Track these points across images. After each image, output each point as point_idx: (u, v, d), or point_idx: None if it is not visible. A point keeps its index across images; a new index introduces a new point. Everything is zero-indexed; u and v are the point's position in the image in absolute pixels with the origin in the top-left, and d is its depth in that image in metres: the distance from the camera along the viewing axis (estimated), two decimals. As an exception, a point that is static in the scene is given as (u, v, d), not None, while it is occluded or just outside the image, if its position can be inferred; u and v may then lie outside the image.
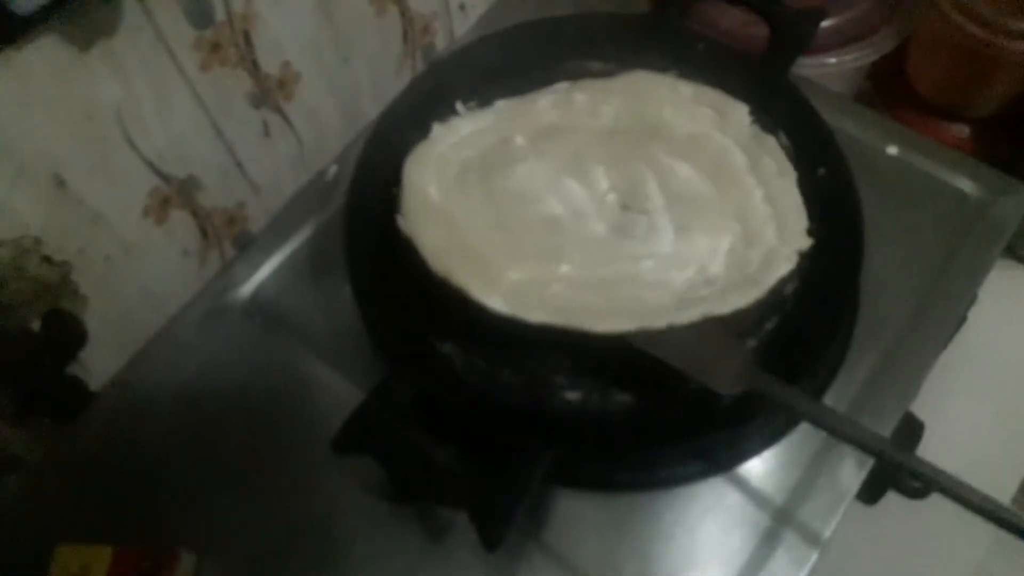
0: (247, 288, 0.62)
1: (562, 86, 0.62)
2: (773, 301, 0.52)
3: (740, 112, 0.58)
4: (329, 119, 0.67)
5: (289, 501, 0.53)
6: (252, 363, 0.59)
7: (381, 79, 0.70)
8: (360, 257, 0.53)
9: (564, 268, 0.52)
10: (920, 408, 0.60)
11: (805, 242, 0.53)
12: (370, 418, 0.45)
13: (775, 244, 0.53)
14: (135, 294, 0.60)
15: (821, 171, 0.55)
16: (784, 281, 0.52)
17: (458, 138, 0.60)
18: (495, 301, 0.50)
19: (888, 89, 0.85)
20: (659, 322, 0.49)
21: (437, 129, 0.60)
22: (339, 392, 0.55)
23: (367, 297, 0.52)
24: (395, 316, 0.51)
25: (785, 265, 0.52)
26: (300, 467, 0.54)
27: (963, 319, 0.63)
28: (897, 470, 0.51)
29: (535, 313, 0.49)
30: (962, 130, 0.84)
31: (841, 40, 0.74)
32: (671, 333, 0.48)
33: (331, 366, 0.57)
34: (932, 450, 0.58)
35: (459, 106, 0.61)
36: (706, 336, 0.49)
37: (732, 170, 0.56)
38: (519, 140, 0.60)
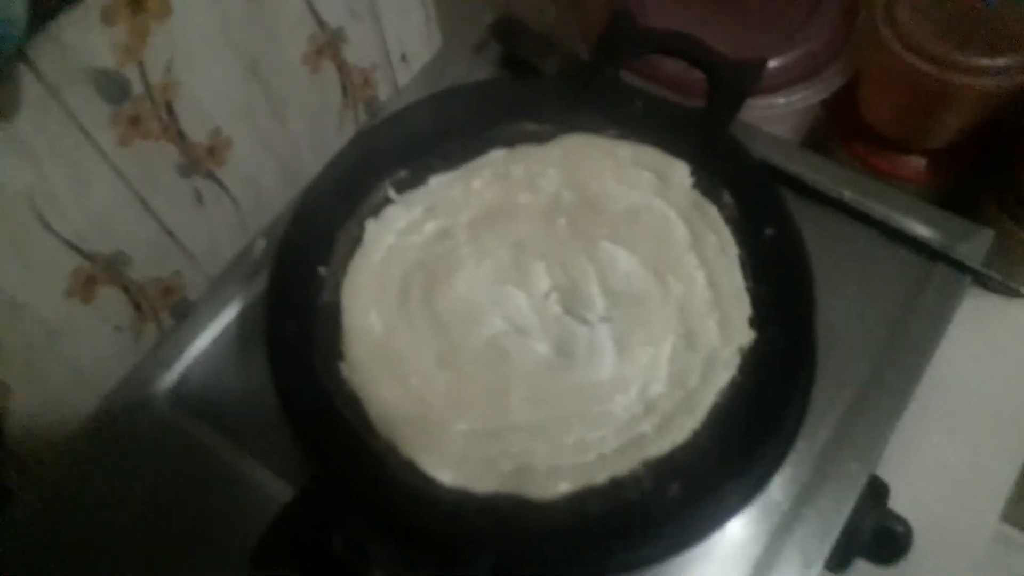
0: (172, 375, 0.59)
1: (498, 154, 0.60)
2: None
3: (681, 172, 0.56)
4: (267, 180, 0.65)
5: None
6: (178, 457, 0.55)
7: (321, 135, 0.68)
8: (282, 345, 0.50)
9: (512, 415, 0.51)
10: (894, 455, 0.56)
11: (747, 337, 0.52)
12: (291, 528, 0.41)
13: (716, 345, 0.52)
14: (63, 377, 0.57)
15: (768, 231, 0.53)
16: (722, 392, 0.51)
17: (393, 236, 0.58)
18: (444, 474, 0.48)
19: (842, 122, 0.84)
20: (600, 478, 0.48)
21: (371, 227, 0.58)
22: (270, 489, 0.51)
23: (289, 389, 0.49)
24: (320, 412, 0.48)
25: (725, 373, 0.51)
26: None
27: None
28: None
29: (482, 484, 0.48)
30: (919, 162, 0.82)
31: (788, 80, 0.72)
32: None
33: (261, 461, 0.53)
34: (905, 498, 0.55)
35: (390, 191, 0.59)
36: None
37: (673, 250, 0.55)
38: (458, 233, 0.58)
